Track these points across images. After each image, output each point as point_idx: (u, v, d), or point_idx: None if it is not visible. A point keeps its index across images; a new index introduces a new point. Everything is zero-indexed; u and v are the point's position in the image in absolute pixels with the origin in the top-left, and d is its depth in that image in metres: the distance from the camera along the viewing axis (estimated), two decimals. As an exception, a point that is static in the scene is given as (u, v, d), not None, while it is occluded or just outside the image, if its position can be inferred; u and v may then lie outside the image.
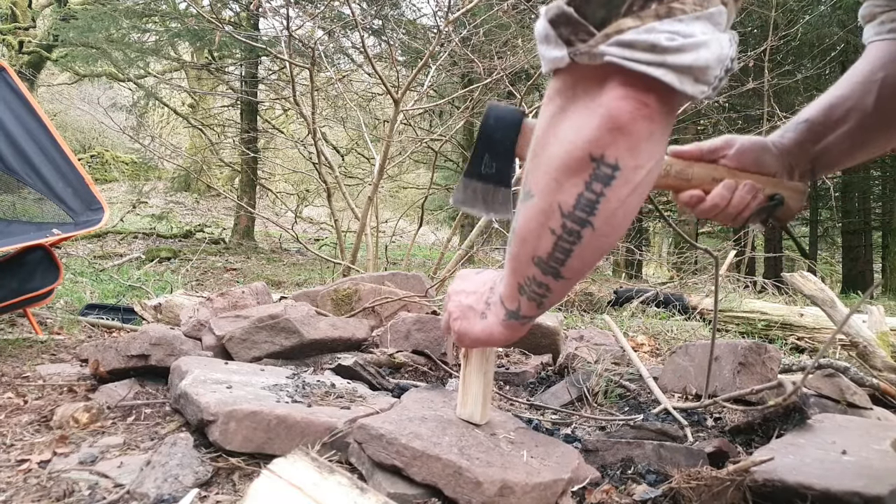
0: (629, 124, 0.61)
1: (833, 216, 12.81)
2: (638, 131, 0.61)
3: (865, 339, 1.96)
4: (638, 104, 0.60)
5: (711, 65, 0.58)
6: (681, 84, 0.59)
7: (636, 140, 0.62)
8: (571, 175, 0.65)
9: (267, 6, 5.73)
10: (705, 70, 0.59)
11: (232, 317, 1.93)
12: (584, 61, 0.62)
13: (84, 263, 5.83)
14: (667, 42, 0.57)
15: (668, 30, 0.57)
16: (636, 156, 0.63)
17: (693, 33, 0.57)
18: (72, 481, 1.11)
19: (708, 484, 1.03)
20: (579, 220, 0.67)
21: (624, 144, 0.62)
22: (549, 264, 0.73)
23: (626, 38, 0.58)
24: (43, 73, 12.80)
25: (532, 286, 0.77)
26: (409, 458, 1.02)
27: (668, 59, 0.57)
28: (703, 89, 0.60)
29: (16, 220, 2.42)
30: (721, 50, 0.59)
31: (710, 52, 0.58)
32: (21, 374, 1.86)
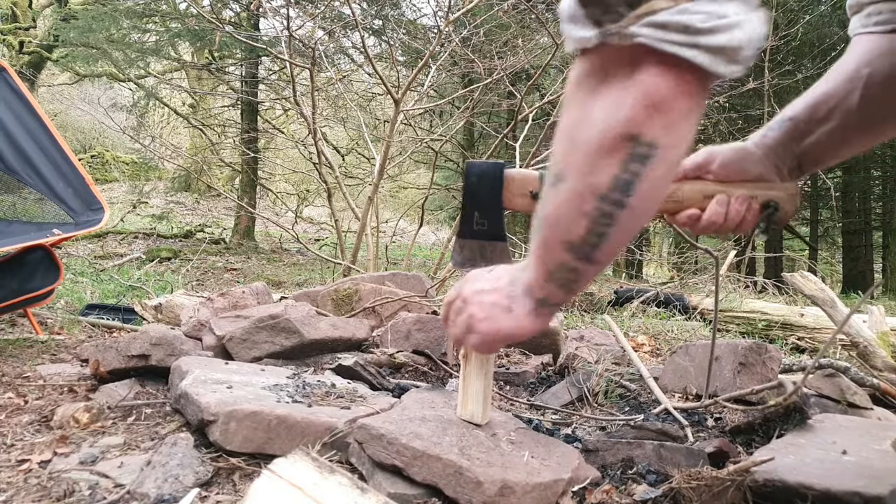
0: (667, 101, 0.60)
1: (833, 216, 12.81)
2: (677, 108, 0.61)
3: (866, 339, 1.96)
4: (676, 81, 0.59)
5: (744, 45, 0.58)
6: (713, 65, 0.58)
7: (674, 118, 0.61)
8: (606, 156, 0.64)
9: (267, 6, 5.73)
10: (738, 50, 0.58)
11: (232, 317, 1.93)
12: (614, 42, 0.60)
13: (84, 263, 5.84)
14: (700, 23, 0.56)
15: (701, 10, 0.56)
16: (673, 134, 0.62)
17: (726, 13, 0.56)
18: (72, 481, 1.11)
19: (708, 484, 1.03)
20: (615, 201, 0.65)
21: (661, 122, 0.61)
22: (583, 248, 0.71)
23: (659, 18, 0.57)
24: (43, 74, 12.80)
25: (562, 272, 0.76)
26: (409, 458, 1.02)
27: (700, 41, 0.57)
28: (735, 69, 0.59)
29: (16, 220, 2.43)
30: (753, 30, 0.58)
31: (743, 33, 0.57)
32: (21, 374, 1.87)
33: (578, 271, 0.75)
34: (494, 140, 5.55)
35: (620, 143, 0.62)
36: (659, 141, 0.62)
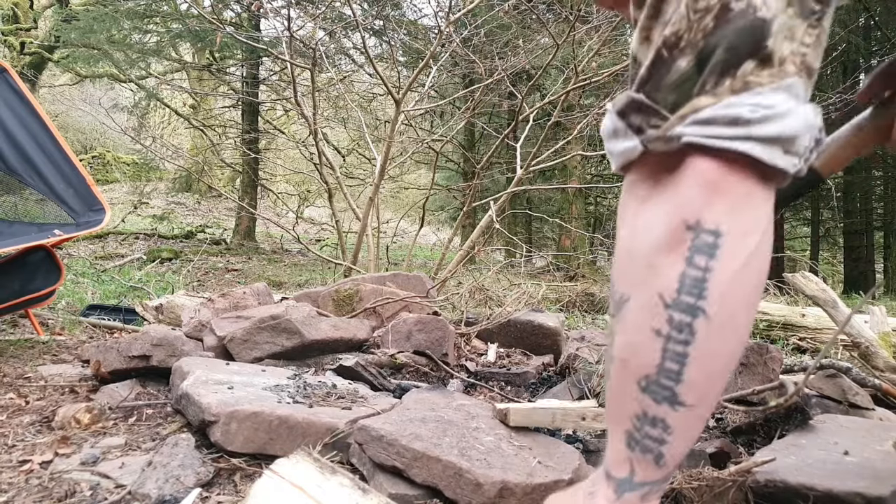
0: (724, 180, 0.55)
1: (835, 216, 12.78)
2: (734, 189, 0.55)
3: (867, 340, 1.96)
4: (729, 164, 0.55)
5: (800, 133, 0.55)
6: (770, 157, 0.54)
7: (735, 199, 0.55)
8: (667, 253, 0.56)
9: (268, 7, 5.73)
10: (793, 140, 0.55)
11: (233, 317, 1.93)
12: (658, 148, 0.58)
13: (85, 264, 5.84)
14: (749, 114, 0.54)
15: (748, 102, 0.54)
16: (739, 218, 0.55)
17: (775, 104, 0.54)
18: (73, 482, 1.11)
19: (710, 484, 1.03)
20: (688, 307, 0.55)
21: (721, 205, 0.55)
22: (661, 383, 0.57)
23: (705, 115, 0.55)
24: (44, 74, 12.81)
25: (644, 429, 0.60)
26: (409, 459, 1.02)
27: (753, 132, 0.54)
28: (795, 161, 0.55)
29: (17, 221, 2.43)
30: (807, 119, 0.55)
31: (796, 121, 0.55)
32: (23, 374, 1.87)
33: (665, 423, 0.58)
34: (495, 140, 5.55)
35: (680, 236, 0.56)
36: (723, 227, 0.55)
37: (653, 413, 0.58)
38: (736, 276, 0.55)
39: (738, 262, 0.55)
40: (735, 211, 0.55)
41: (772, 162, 0.54)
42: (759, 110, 0.54)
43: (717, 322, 0.55)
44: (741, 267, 0.55)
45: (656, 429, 0.59)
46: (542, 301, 4.40)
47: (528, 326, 2.25)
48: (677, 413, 0.58)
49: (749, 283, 0.56)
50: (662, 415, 0.58)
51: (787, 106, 0.54)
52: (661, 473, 0.61)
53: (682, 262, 0.55)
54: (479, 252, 5.23)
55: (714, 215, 0.55)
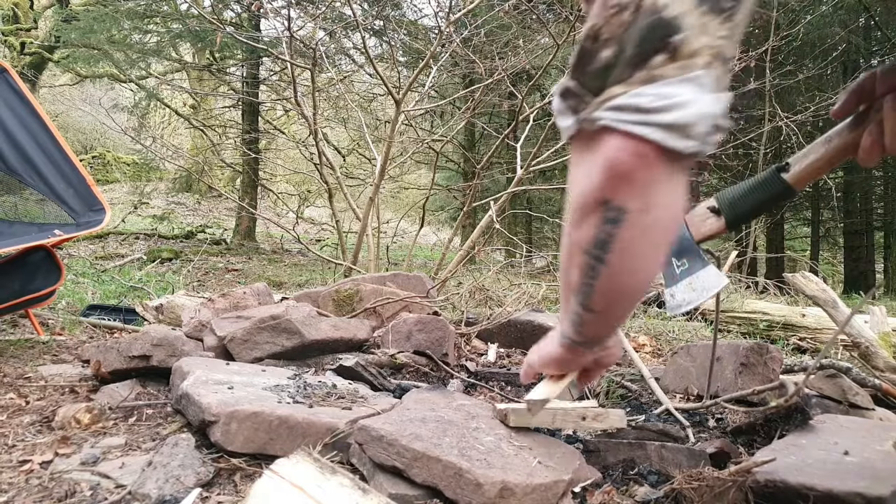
0: (628, 172, 0.66)
1: (835, 216, 12.78)
2: (639, 178, 0.66)
3: (867, 340, 1.96)
4: (633, 154, 0.65)
5: (694, 121, 0.63)
6: (667, 140, 0.63)
7: (639, 186, 0.67)
8: (587, 216, 0.71)
9: (268, 7, 5.73)
10: (689, 126, 0.63)
11: (233, 317, 1.93)
12: (586, 127, 0.69)
13: (86, 264, 5.84)
14: (649, 104, 0.62)
15: (650, 93, 0.63)
16: (640, 199, 0.68)
17: (675, 94, 0.62)
18: (73, 482, 1.11)
19: (710, 485, 1.03)
20: (596, 257, 0.73)
21: (627, 190, 0.67)
22: (578, 297, 0.79)
23: (616, 102, 0.65)
24: (45, 75, 12.81)
25: (570, 312, 0.84)
26: (409, 459, 1.02)
27: (651, 118, 0.63)
28: (691, 144, 0.64)
29: (18, 221, 2.43)
30: (705, 108, 0.63)
31: (692, 111, 0.62)
32: (23, 374, 1.87)
33: (580, 316, 0.82)
34: (496, 140, 5.55)
35: (596, 206, 0.70)
36: (627, 205, 0.68)
37: (575, 308, 0.82)
38: (634, 240, 0.70)
39: (636, 231, 0.70)
40: (638, 194, 0.68)
41: (667, 144, 0.64)
42: (660, 100, 0.62)
43: (615, 270, 0.73)
44: (639, 234, 0.70)
45: (577, 316, 0.83)
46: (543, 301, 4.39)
47: (529, 326, 2.25)
48: (588, 314, 0.81)
49: (645, 247, 0.72)
50: (580, 312, 0.82)
51: (688, 97, 0.62)
52: (581, 338, 0.88)
53: (595, 225, 0.71)
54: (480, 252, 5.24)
55: (620, 196, 0.68)
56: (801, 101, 7.02)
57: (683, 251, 1.14)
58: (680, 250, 1.14)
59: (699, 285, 1.12)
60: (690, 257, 1.13)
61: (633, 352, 1.87)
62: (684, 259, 1.14)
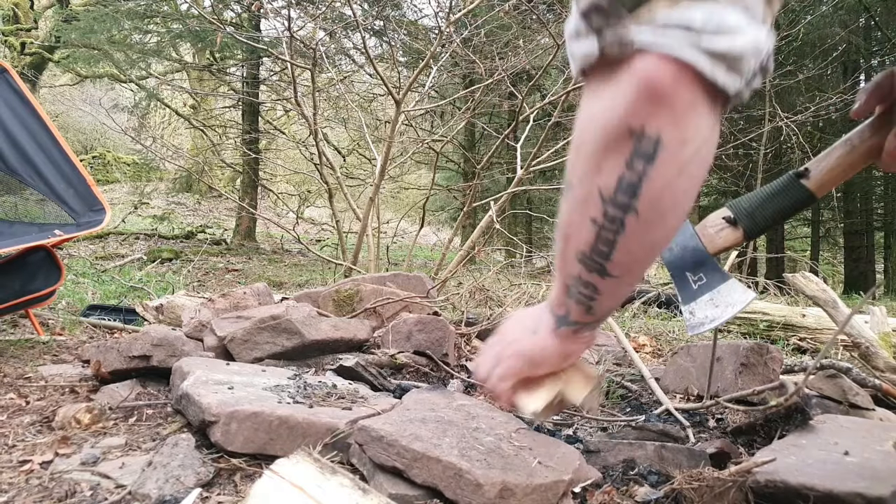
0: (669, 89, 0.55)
1: (835, 217, 12.78)
2: (680, 98, 0.55)
3: (867, 340, 1.96)
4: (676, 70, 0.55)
5: (746, 53, 0.54)
6: (713, 72, 0.54)
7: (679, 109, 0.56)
8: (610, 154, 0.59)
9: (268, 7, 5.74)
10: (739, 59, 0.54)
11: (233, 318, 1.93)
12: (614, 52, 0.57)
13: (86, 264, 5.84)
14: (701, 23, 0.53)
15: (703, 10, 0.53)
16: (681, 128, 0.57)
17: (728, 18, 0.53)
18: (73, 482, 1.11)
19: (710, 485, 1.03)
20: (621, 204, 0.60)
21: (666, 114, 0.56)
22: (594, 259, 0.66)
23: (659, 19, 0.54)
24: (45, 75, 12.81)
25: (578, 287, 0.71)
26: (409, 459, 1.02)
27: (702, 42, 0.53)
28: (736, 81, 0.55)
29: (18, 221, 2.43)
30: (757, 40, 0.55)
31: (745, 40, 0.54)
32: (23, 374, 1.87)
33: (594, 287, 0.69)
34: (496, 141, 5.55)
35: (624, 139, 0.58)
36: (665, 135, 0.57)
37: (586, 278, 0.69)
38: (669, 182, 0.59)
39: (673, 169, 0.59)
40: (677, 121, 0.57)
41: (712, 76, 0.55)
42: (713, 21, 0.53)
43: (645, 219, 0.61)
44: (675, 174, 0.59)
45: (588, 289, 0.70)
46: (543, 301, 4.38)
47: (529, 327, 2.24)
48: (605, 280, 0.68)
49: (680, 189, 0.61)
50: (594, 281, 0.69)
51: (740, 23, 0.54)
52: (591, 318, 0.75)
53: (623, 165, 0.59)
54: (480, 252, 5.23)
55: (657, 124, 0.57)
56: (801, 102, 7.01)
57: (698, 264, 1.05)
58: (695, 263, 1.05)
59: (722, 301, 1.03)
60: (707, 270, 1.05)
61: (633, 352, 1.87)
62: (700, 273, 1.05)
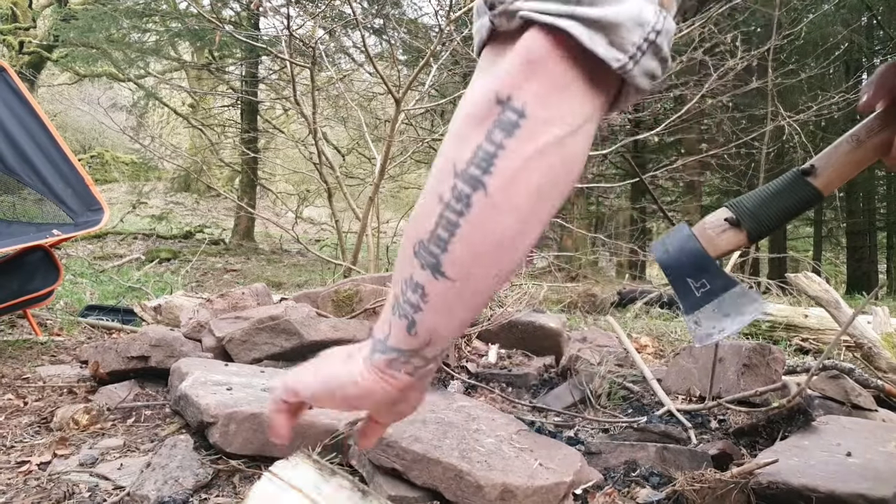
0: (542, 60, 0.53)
1: (837, 217, 12.77)
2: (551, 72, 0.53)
3: (870, 341, 1.95)
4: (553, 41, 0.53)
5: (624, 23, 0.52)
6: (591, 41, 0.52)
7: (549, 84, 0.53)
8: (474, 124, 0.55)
9: (267, 5, 5.73)
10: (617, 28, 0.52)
11: (232, 318, 1.93)
12: (503, 25, 0.55)
13: (84, 264, 5.83)
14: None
15: None
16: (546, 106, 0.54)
17: None
18: (72, 483, 1.11)
19: (712, 486, 1.02)
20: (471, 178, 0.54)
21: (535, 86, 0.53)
22: (429, 248, 0.56)
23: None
24: (43, 74, 12.80)
25: (407, 293, 0.59)
26: (409, 461, 1.01)
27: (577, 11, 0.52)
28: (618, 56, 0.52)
29: (16, 221, 2.42)
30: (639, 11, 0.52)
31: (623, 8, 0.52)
32: (21, 375, 1.86)
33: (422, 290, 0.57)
34: (495, 140, 5.52)
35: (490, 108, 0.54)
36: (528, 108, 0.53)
37: (416, 278, 0.57)
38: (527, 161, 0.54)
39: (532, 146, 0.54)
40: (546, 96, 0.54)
41: (591, 46, 0.52)
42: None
43: (494, 199, 0.54)
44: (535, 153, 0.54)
45: (416, 294, 0.58)
46: (544, 302, 4.38)
47: (530, 327, 2.24)
48: (437, 282, 0.57)
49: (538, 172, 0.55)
50: (424, 281, 0.57)
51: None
52: (410, 343, 0.60)
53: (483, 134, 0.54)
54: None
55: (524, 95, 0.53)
56: (803, 101, 7.00)
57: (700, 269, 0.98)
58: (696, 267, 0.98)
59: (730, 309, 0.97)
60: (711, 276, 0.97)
61: (634, 353, 1.86)
62: (703, 278, 0.98)
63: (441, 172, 0.56)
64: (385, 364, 0.60)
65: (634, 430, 1.36)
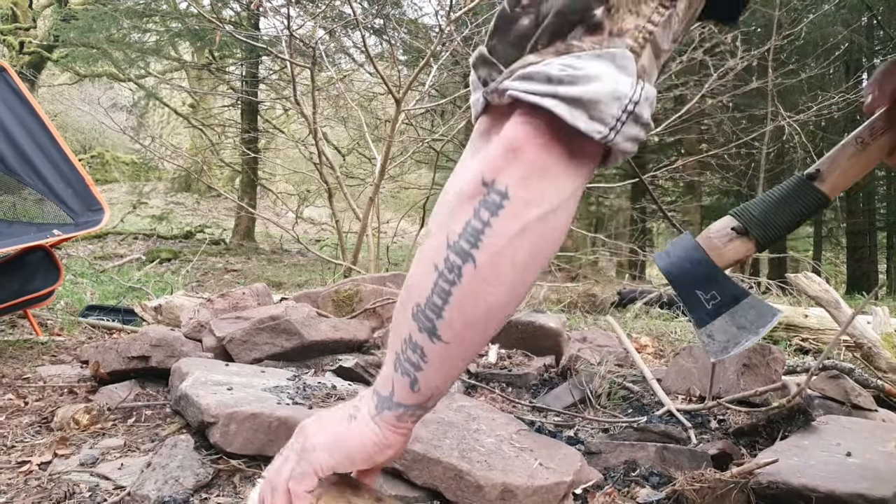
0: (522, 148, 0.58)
1: (837, 217, 12.77)
2: (531, 159, 0.59)
3: (870, 340, 1.95)
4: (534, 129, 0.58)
5: (602, 99, 0.57)
6: (572, 118, 0.57)
7: (529, 169, 0.59)
8: (464, 201, 0.61)
9: (267, 6, 5.73)
10: (596, 104, 0.57)
11: (232, 318, 1.93)
12: (495, 101, 0.62)
13: (84, 264, 5.83)
14: (559, 72, 0.56)
15: (562, 63, 0.57)
16: (527, 188, 0.59)
17: (584, 67, 0.56)
18: (72, 483, 1.11)
19: (712, 486, 1.02)
20: (462, 251, 0.60)
21: (516, 171, 0.59)
22: (426, 313, 0.63)
23: (527, 70, 0.58)
24: (44, 74, 12.80)
25: (407, 352, 0.65)
26: (409, 461, 1.01)
27: (559, 90, 0.56)
28: (599, 128, 0.57)
29: (16, 221, 2.42)
30: (617, 87, 0.57)
31: (601, 86, 0.56)
32: (21, 375, 1.86)
33: (422, 351, 0.63)
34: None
35: (477, 188, 0.60)
36: (511, 191, 0.59)
37: (415, 339, 0.64)
38: (511, 238, 0.60)
39: (516, 226, 0.60)
40: (526, 180, 0.59)
41: (573, 122, 0.57)
42: (568, 70, 0.56)
43: (483, 272, 0.60)
44: (518, 231, 0.60)
45: (416, 354, 0.64)
46: (544, 302, 4.38)
47: (530, 327, 2.24)
48: (434, 345, 0.63)
49: (522, 249, 0.61)
50: (422, 343, 0.63)
51: (599, 72, 0.56)
52: (415, 399, 0.66)
53: (471, 211, 0.60)
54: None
55: (507, 178, 0.59)
56: (803, 101, 6.99)
57: (709, 280, 0.95)
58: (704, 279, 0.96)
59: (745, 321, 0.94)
60: (721, 287, 0.95)
61: (634, 353, 1.86)
62: (713, 290, 0.95)
63: (436, 241, 0.63)
64: (395, 419, 0.67)
65: (634, 429, 1.36)
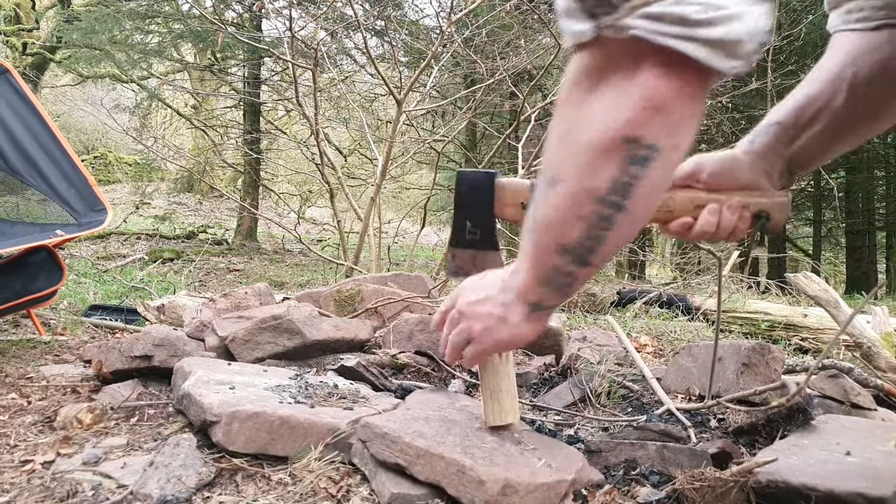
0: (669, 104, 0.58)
1: (837, 217, 12.76)
2: (679, 111, 0.59)
3: (869, 340, 1.95)
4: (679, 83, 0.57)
5: (744, 38, 0.55)
6: (712, 60, 0.55)
7: (677, 120, 0.59)
8: (605, 158, 0.62)
9: (269, 7, 5.74)
10: (738, 44, 0.55)
11: (235, 318, 1.94)
12: (609, 35, 0.58)
13: (87, 264, 5.84)
14: (696, 14, 0.53)
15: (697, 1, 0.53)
16: (675, 135, 0.61)
17: (724, 5, 0.53)
18: (75, 482, 1.11)
19: (711, 485, 1.02)
20: (614, 204, 0.64)
21: (663, 125, 0.59)
22: (578, 252, 0.70)
23: (654, 10, 0.55)
24: (46, 75, 12.81)
25: (556, 276, 0.75)
26: (412, 456, 1.02)
27: (698, 33, 0.54)
28: (735, 65, 0.57)
29: (20, 222, 2.43)
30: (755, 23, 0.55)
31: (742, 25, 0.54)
32: (24, 374, 1.87)
33: (573, 275, 0.74)
34: (497, 140, 5.55)
35: (620, 146, 0.61)
36: (660, 143, 0.60)
37: (566, 269, 0.74)
38: (658, 182, 0.65)
39: (663, 171, 0.64)
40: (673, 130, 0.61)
41: (710, 64, 0.56)
42: (708, 11, 0.54)
43: (634, 216, 0.67)
44: (664, 174, 0.64)
45: (567, 278, 0.75)
46: (544, 301, 4.37)
47: (530, 326, 2.24)
48: (585, 269, 0.74)
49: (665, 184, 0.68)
50: (573, 269, 0.73)
51: (738, 8, 0.54)
52: (562, 301, 0.84)
53: (617, 169, 0.62)
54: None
55: (653, 133, 0.60)
56: (802, 101, 6.97)
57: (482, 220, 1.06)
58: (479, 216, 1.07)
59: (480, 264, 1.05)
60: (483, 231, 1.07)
61: (634, 352, 1.86)
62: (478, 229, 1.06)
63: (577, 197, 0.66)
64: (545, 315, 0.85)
65: (634, 428, 1.37)
